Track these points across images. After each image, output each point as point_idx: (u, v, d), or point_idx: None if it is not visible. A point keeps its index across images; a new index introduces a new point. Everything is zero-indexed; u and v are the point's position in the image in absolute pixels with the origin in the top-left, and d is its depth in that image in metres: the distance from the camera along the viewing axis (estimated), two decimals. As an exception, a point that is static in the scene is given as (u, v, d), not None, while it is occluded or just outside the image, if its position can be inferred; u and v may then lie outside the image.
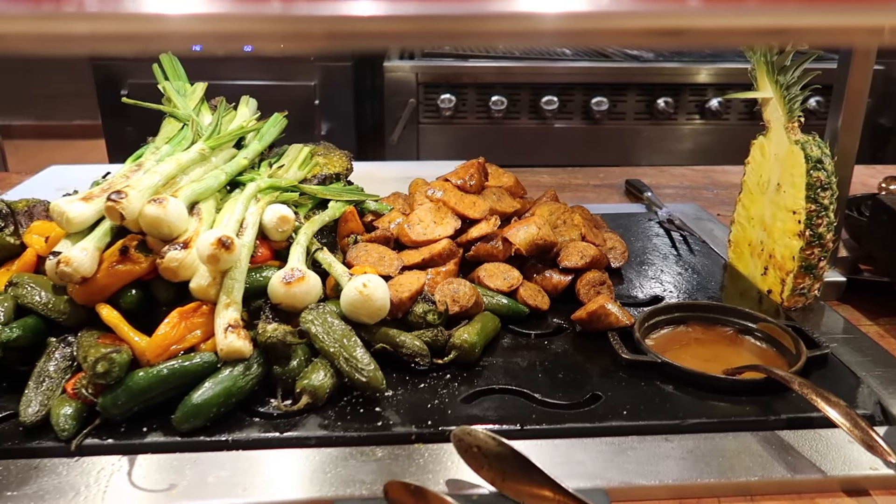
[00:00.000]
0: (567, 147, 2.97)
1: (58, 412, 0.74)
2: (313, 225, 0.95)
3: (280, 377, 0.80)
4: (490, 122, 2.93)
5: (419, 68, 2.87)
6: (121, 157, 3.52)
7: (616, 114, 2.92)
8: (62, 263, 0.81)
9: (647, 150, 3.03)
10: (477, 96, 2.91)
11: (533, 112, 2.92)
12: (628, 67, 2.88)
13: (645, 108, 2.91)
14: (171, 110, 1.06)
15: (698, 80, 2.88)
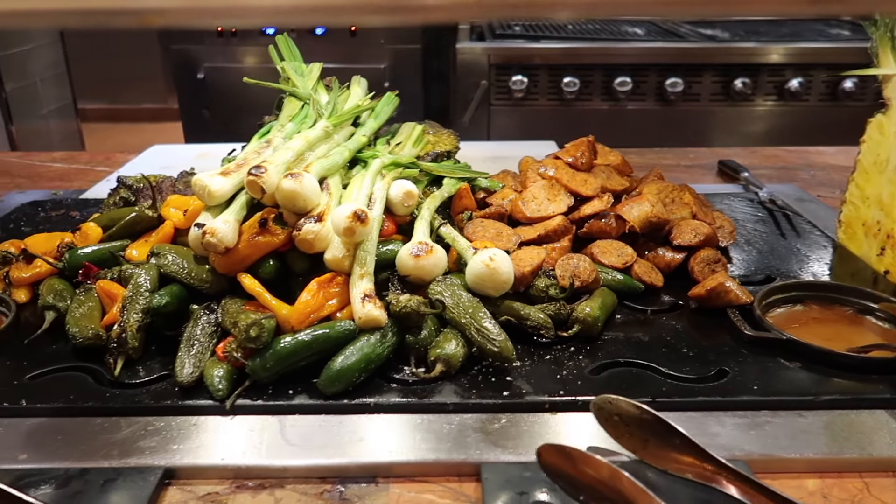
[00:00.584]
0: (640, 129, 2.93)
1: (211, 373, 0.79)
2: (434, 200, 0.97)
3: (412, 346, 0.83)
4: (561, 103, 2.91)
5: (491, 50, 2.87)
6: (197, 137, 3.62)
7: (691, 95, 2.87)
8: (208, 234, 0.85)
9: (722, 132, 2.97)
10: (549, 78, 2.89)
11: (605, 93, 2.89)
12: (704, 47, 2.83)
13: (721, 88, 2.85)
14: (291, 89, 1.09)
15: (777, 61, 2.81)
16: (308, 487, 0.70)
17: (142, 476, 0.68)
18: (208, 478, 0.70)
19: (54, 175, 1.61)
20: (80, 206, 1.35)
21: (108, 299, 0.91)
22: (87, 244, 0.99)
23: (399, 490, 0.69)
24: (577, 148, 1.10)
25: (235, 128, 3.46)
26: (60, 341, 0.89)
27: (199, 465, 0.70)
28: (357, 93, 1.13)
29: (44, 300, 0.91)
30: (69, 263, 0.96)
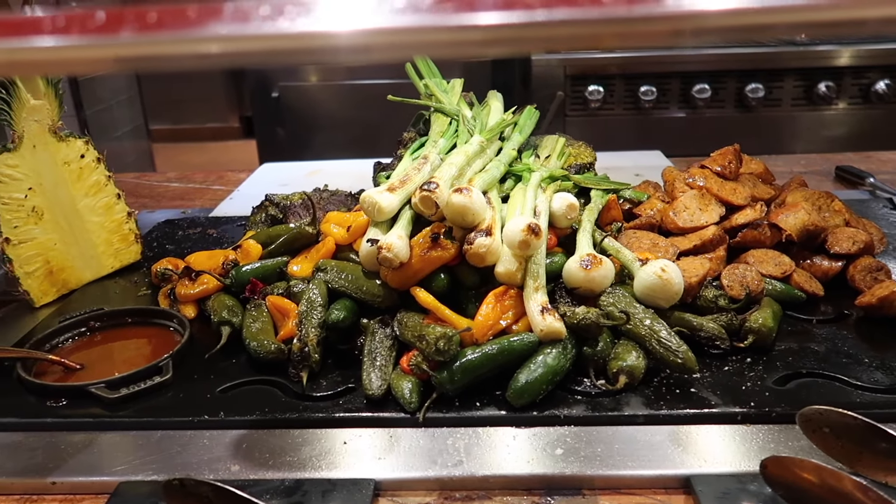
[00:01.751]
0: (719, 136, 2.89)
1: (400, 386, 0.80)
2: (593, 213, 0.98)
3: (590, 358, 0.84)
4: (638, 112, 2.89)
5: (567, 61, 2.87)
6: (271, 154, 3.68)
7: (772, 100, 2.83)
8: (384, 250, 0.87)
9: (804, 137, 2.92)
10: (625, 87, 2.88)
11: (683, 101, 2.86)
12: (785, 52, 2.78)
13: (803, 93, 2.80)
14: (437, 106, 1.11)
15: (861, 63, 2.75)
16: (515, 499, 0.70)
17: (357, 488, 0.69)
18: (415, 490, 0.72)
19: (174, 195, 1.67)
20: (213, 223, 1.39)
21: (279, 314, 0.94)
22: (250, 261, 1.02)
23: (608, 502, 0.69)
24: (725, 157, 1.09)
25: (308, 144, 3.53)
26: (235, 355, 0.92)
27: (406, 477, 0.72)
28: (497, 107, 1.14)
29: (219, 316, 0.94)
30: (236, 280, 0.99)
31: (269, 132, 3.64)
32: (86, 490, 0.73)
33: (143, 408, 0.82)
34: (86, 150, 1.10)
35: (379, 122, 3.49)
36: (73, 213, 1.10)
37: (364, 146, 3.40)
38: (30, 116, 1.03)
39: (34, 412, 0.82)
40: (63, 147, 1.08)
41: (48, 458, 0.76)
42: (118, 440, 0.78)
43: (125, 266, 1.18)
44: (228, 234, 1.33)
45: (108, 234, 1.15)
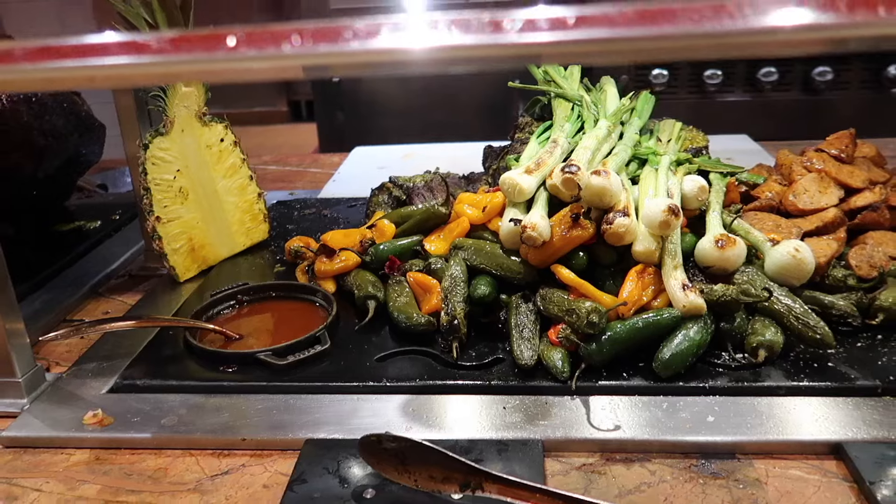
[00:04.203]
0: (785, 120, 2.88)
1: (551, 357, 0.85)
2: (719, 195, 1.02)
3: (728, 333, 0.88)
4: (703, 96, 2.89)
5: (633, 44, 2.87)
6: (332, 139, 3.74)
7: (840, 84, 2.80)
8: (528, 229, 0.92)
9: (874, 121, 2.89)
10: (690, 70, 2.88)
11: (749, 85, 2.85)
12: (857, 34, 2.75)
13: (872, 76, 2.77)
14: (559, 91, 1.15)
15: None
16: (675, 461, 0.75)
17: (527, 447, 0.75)
18: (578, 451, 0.77)
19: (274, 177, 1.74)
20: (324, 204, 1.46)
21: (420, 290, 1.00)
22: (385, 239, 1.08)
23: (763, 466, 0.74)
24: (842, 140, 1.12)
25: (368, 129, 3.58)
26: (380, 326, 0.98)
27: (570, 438, 0.77)
28: (612, 92, 1.18)
29: (364, 291, 1.00)
30: (375, 257, 1.05)
31: (329, 117, 3.71)
32: (273, 446, 0.79)
33: (308, 374, 0.89)
34: (225, 134, 1.17)
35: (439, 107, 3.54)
36: (213, 194, 1.17)
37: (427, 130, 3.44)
38: (181, 103, 1.10)
39: (211, 376, 0.89)
40: (206, 131, 1.14)
41: (234, 418, 0.83)
42: (292, 402, 0.85)
43: (255, 244, 1.25)
44: (342, 214, 1.40)
45: (242, 214, 1.22)
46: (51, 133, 1.20)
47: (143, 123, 1.15)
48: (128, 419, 0.84)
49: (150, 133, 1.08)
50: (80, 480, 0.77)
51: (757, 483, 0.72)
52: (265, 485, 0.74)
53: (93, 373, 0.93)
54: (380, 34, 0.52)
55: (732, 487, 0.71)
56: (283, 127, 6.59)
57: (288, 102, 6.85)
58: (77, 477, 0.77)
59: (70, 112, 1.25)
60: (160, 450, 0.81)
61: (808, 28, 0.47)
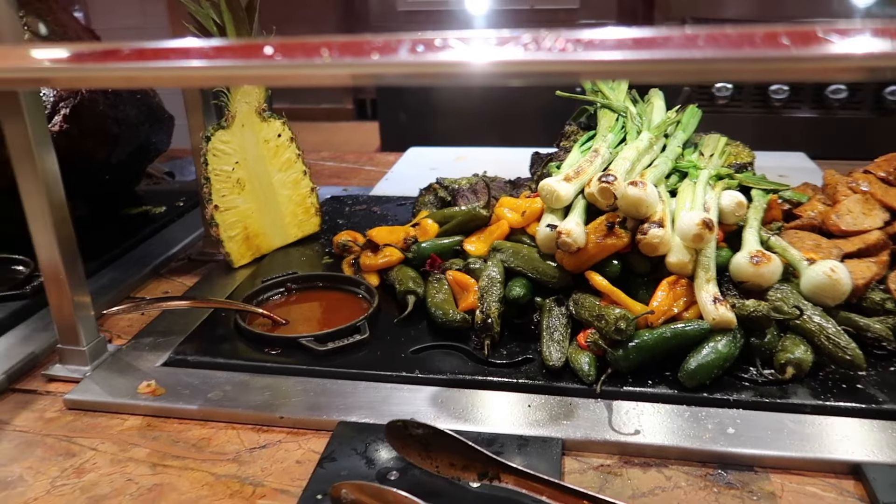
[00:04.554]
0: (852, 139, 2.81)
1: (578, 360, 0.88)
2: (758, 211, 1.02)
3: (757, 348, 0.89)
4: (768, 111, 2.84)
5: (697, 56, 2.84)
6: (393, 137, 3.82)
7: (914, 104, 2.71)
8: (563, 235, 0.95)
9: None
10: (755, 84, 2.83)
11: (816, 102, 2.79)
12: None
13: (948, 96, 2.68)
14: (604, 102, 1.18)
15: None
16: (691, 469, 0.77)
17: (546, 445, 0.78)
18: (597, 451, 0.80)
19: (331, 173, 1.80)
20: (375, 201, 1.51)
21: (458, 287, 1.03)
22: (428, 238, 1.13)
23: (780, 480, 0.75)
24: (890, 163, 1.11)
25: (427, 130, 3.64)
26: (417, 321, 1.02)
27: (590, 439, 0.80)
28: (659, 105, 1.20)
29: (405, 286, 1.04)
30: (417, 254, 1.09)
31: (391, 117, 3.78)
32: (308, 426, 0.85)
33: (347, 361, 0.94)
34: (282, 130, 1.23)
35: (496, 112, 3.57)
36: (268, 186, 1.23)
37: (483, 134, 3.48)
38: (242, 99, 1.16)
39: (256, 357, 0.95)
40: (265, 126, 1.21)
41: (274, 397, 0.88)
42: (329, 386, 0.90)
43: (306, 236, 1.31)
44: (391, 212, 1.45)
45: (294, 206, 1.28)
46: (124, 122, 1.29)
47: (208, 117, 1.22)
48: (178, 391, 0.90)
49: (213, 126, 1.15)
50: (131, 444, 0.83)
51: (771, 496, 0.73)
52: (298, 460, 0.80)
53: (149, 346, 1.00)
54: (446, 49, 0.55)
55: (746, 498, 0.73)
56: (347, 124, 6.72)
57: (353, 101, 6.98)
58: (129, 440, 0.84)
59: (142, 103, 1.34)
60: (205, 421, 0.87)
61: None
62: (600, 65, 0.51)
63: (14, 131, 0.86)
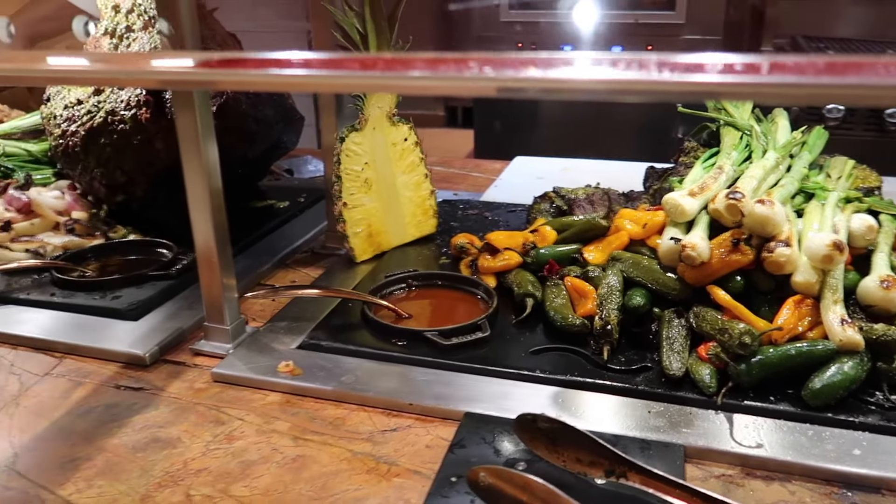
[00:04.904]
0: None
1: (699, 371, 0.90)
2: (888, 236, 1.01)
3: (885, 373, 0.88)
4: (882, 134, 2.74)
5: (807, 76, 2.77)
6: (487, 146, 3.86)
7: None
8: (688, 248, 0.96)
9: None
10: (872, 107, 2.74)
11: (935, 127, 2.67)
12: None
13: None
14: (729, 120, 1.19)
15: None
16: (816, 486, 0.78)
17: (669, 450, 0.80)
18: (718, 461, 0.81)
19: (439, 177, 1.86)
20: (485, 207, 1.56)
21: (575, 294, 1.06)
22: (546, 244, 1.16)
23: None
24: None
25: (521, 140, 3.68)
26: (534, 323, 1.06)
27: (711, 448, 0.81)
28: (784, 125, 1.20)
29: (524, 289, 1.08)
30: (536, 259, 1.13)
31: (486, 126, 3.84)
32: (434, 414, 0.90)
33: (469, 356, 0.98)
34: (409, 135, 1.30)
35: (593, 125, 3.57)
36: (392, 187, 1.30)
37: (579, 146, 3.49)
38: (376, 104, 1.23)
39: (383, 346, 1.01)
40: (393, 130, 1.28)
41: (402, 385, 0.94)
42: (453, 379, 0.94)
43: (423, 236, 1.37)
44: (502, 217, 1.49)
45: (414, 207, 1.34)
46: (262, 121, 1.38)
47: (340, 119, 1.30)
48: (314, 372, 0.97)
49: (347, 128, 1.23)
50: (273, 417, 0.90)
51: (900, 520, 0.73)
52: (428, 445, 0.85)
53: (284, 330, 1.08)
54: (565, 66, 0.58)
55: (873, 519, 0.73)
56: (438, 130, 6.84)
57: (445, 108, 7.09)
58: (271, 414, 0.91)
59: (278, 104, 1.43)
60: (339, 402, 0.93)
61: None
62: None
63: (185, 124, 0.95)
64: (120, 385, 0.98)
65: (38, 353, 1.06)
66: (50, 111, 1.41)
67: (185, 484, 0.79)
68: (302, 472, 0.81)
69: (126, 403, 0.94)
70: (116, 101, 1.33)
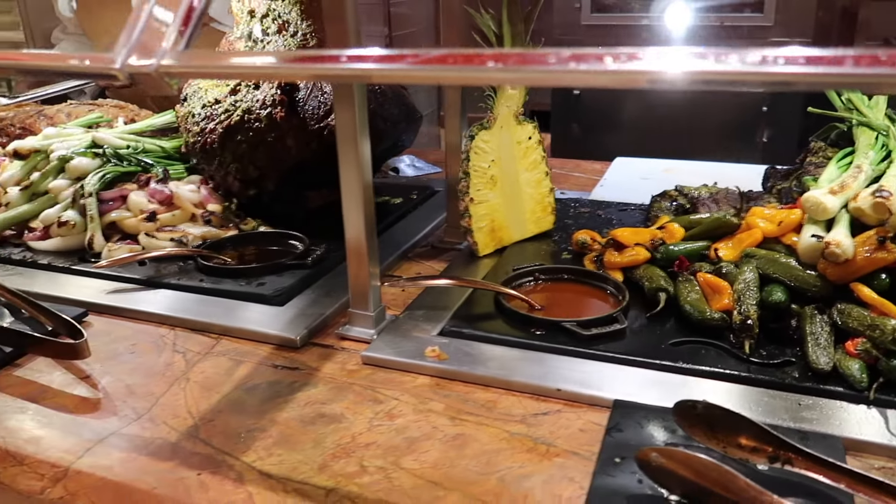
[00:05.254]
0: None
1: (848, 366, 0.90)
2: None
3: None
4: None
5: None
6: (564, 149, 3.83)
7: None
8: (833, 246, 0.97)
9: None
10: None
11: None
12: None
13: None
14: (862, 119, 1.18)
15: None
16: (981, 482, 0.78)
17: (827, 441, 0.82)
18: (878, 454, 0.82)
19: (541, 177, 1.89)
20: (595, 205, 1.58)
21: (709, 289, 1.08)
22: (674, 241, 1.18)
23: None
24: None
25: (598, 142, 3.67)
26: (665, 317, 1.08)
27: (868, 441, 0.82)
28: (918, 125, 1.19)
29: (656, 284, 1.10)
30: (665, 255, 1.15)
31: (563, 127, 3.85)
32: (581, 400, 0.93)
33: (608, 347, 1.01)
34: (533, 133, 1.34)
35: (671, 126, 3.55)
36: (515, 184, 1.34)
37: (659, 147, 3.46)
38: (504, 102, 1.28)
39: (523, 335, 1.05)
40: (519, 129, 1.32)
41: (546, 371, 0.97)
42: (596, 368, 0.98)
43: (541, 232, 1.41)
44: (614, 215, 1.51)
45: (534, 204, 1.38)
46: (388, 119, 1.44)
47: (463, 118, 1.35)
48: (459, 358, 1.01)
49: (477, 126, 1.27)
50: (427, 398, 0.95)
51: None
52: (581, 429, 0.88)
53: (423, 318, 1.12)
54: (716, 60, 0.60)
55: None
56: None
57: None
58: (424, 395, 0.96)
59: (402, 103, 1.49)
60: (486, 386, 0.97)
61: None
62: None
63: (344, 119, 1.01)
64: (277, 365, 1.04)
65: (196, 334, 1.13)
66: (188, 110, 1.50)
67: (357, 455, 0.84)
68: (464, 448, 0.85)
69: (286, 381, 1.00)
70: (252, 100, 1.41)
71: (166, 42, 0.65)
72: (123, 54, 0.66)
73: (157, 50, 0.65)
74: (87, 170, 1.45)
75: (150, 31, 0.66)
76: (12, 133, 1.78)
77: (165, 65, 0.64)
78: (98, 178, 1.43)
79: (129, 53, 0.66)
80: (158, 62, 0.65)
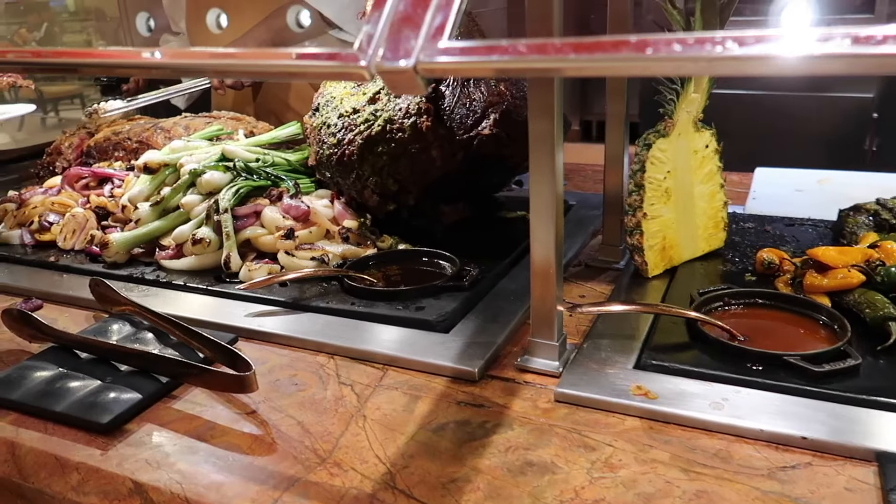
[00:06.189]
0: None
1: None
2: None
3: None
4: None
5: None
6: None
7: None
8: None
9: None
10: None
11: None
12: None
13: None
14: None
15: None
16: None
17: None
18: None
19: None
20: (758, 221, 1.44)
21: (951, 319, 0.93)
22: (893, 262, 1.04)
23: None
24: None
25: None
26: None
27: None
28: None
29: (882, 311, 0.96)
30: (887, 278, 1.01)
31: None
32: (833, 451, 0.79)
33: (844, 386, 0.87)
34: (710, 141, 1.21)
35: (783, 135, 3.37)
36: (689, 198, 1.21)
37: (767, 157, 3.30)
38: (685, 108, 1.15)
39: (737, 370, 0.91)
40: (696, 136, 1.19)
41: (781, 415, 0.84)
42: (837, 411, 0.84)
43: (711, 251, 1.27)
44: (783, 231, 1.37)
45: (707, 220, 1.25)
46: (539, 128, 1.33)
47: (625, 127, 1.23)
48: (669, 397, 0.89)
49: (653, 134, 1.15)
50: (645, 444, 0.83)
51: None
52: (847, 487, 0.74)
53: (609, 348, 1.00)
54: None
55: None
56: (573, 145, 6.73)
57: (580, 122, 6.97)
58: (640, 441, 0.83)
59: (550, 111, 1.38)
60: (707, 431, 0.84)
61: None
62: None
63: (540, 126, 0.90)
64: (460, 402, 0.93)
65: (358, 363, 1.04)
66: (321, 120, 1.42)
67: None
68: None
69: (476, 421, 0.89)
70: (394, 109, 1.32)
71: (422, 35, 0.55)
72: (371, 51, 0.56)
73: (411, 45, 0.55)
74: (219, 184, 1.38)
75: (401, 22, 0.56)
76: (129, 147, 1.73)
77: (426, 62, 0.54)
78: (232, 193, 1.35)
79: (377, 50, 0.56)
80: (416, 58, 0.54)
